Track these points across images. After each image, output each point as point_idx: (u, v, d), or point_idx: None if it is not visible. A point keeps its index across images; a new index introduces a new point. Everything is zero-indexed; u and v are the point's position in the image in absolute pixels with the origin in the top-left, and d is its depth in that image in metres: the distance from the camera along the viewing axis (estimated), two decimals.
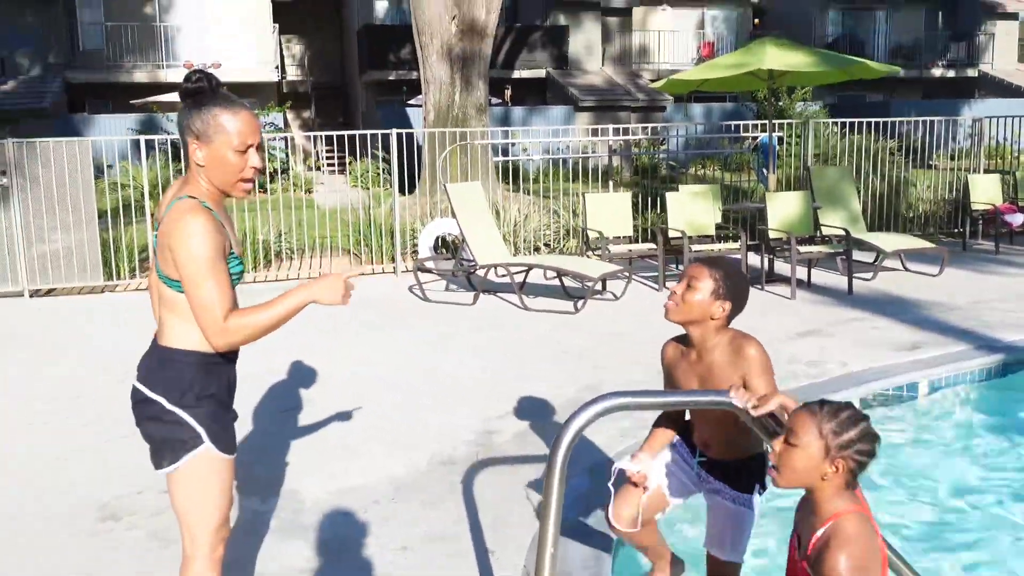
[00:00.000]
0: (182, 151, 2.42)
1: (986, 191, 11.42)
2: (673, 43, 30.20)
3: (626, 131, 15.58)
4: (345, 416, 5.20)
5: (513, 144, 18.99)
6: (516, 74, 26.91)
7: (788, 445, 2.09)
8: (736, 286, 2.78)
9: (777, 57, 8.45)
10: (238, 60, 25.31)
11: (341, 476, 4.31)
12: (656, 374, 3.26)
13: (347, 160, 20.18)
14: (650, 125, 15.48)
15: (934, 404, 5.70)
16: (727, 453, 2.80)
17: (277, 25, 27.02)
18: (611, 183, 11.49)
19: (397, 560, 3.48)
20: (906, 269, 9.79)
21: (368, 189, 16.70)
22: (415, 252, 10.61)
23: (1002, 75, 31.86)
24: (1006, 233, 11.20)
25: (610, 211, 9.35)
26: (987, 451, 4.98)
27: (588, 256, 9.34)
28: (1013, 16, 32.96)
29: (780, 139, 13.56)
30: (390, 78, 26.01)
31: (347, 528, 3.76)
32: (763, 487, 2.81)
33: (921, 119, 12.99)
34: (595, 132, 16.80)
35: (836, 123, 13.05)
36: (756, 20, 33.40)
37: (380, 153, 16.94)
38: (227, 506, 2.54)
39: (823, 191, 9.91)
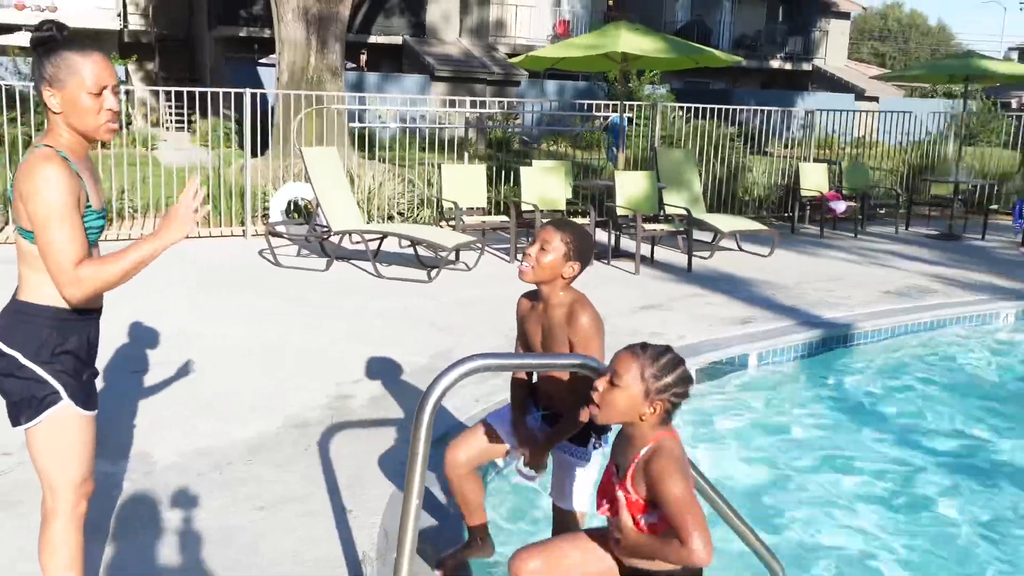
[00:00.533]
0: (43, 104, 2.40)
1: (815, 179, 12.23)
2: (530, 18, 30.50)
3: (482, 104, 15.71)
4: (197, 379, 5.16)
5: (367, 111, 18.84)
6: (372, 39, 26.57)
7: (611, 385, 2.30)
8: (583, 247, 3.00)
9: (631, 41, 8.78)
10: (75, 3, 23.88)
11: (194, 438, 4.30)
12: (507, 342, 3.43)
13: (193, 118, 19.46)
14: (505, 99, 15.69)
15: (761, 374, 6.16)
16: (568, 406, 3.02)
17: None
18: (466, 155, 11.62)
19: (254, 519, 3.54)
20: (740, 249, 10.40)
21: (215, 149, 16.19)
22: (266, 216, 10.44)
23: (833, 70, 33.87)
24: (830, 219, 12.05)
25: (465, 182, 9.50)
26: (805, 417, 5.45)
27: (442, 226, 9.46)
28: (846, 15, 35.05)
29: (629, 120, 14.03)
30: (241, 35, 25.18)
31: (201, 489, 3.78)
32: (599, 440, 3.04)
33: (759, 108, 13.74)
34: (451, 103, 16.88)
35: (682, 107, 13.60)
36: (611, 1, 34.17)
37: (231, 113, 16.43)
38: (89, 462, 2.55)
39: (667, 172, 10.38)
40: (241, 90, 10.28)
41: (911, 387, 6.08)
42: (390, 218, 11.02)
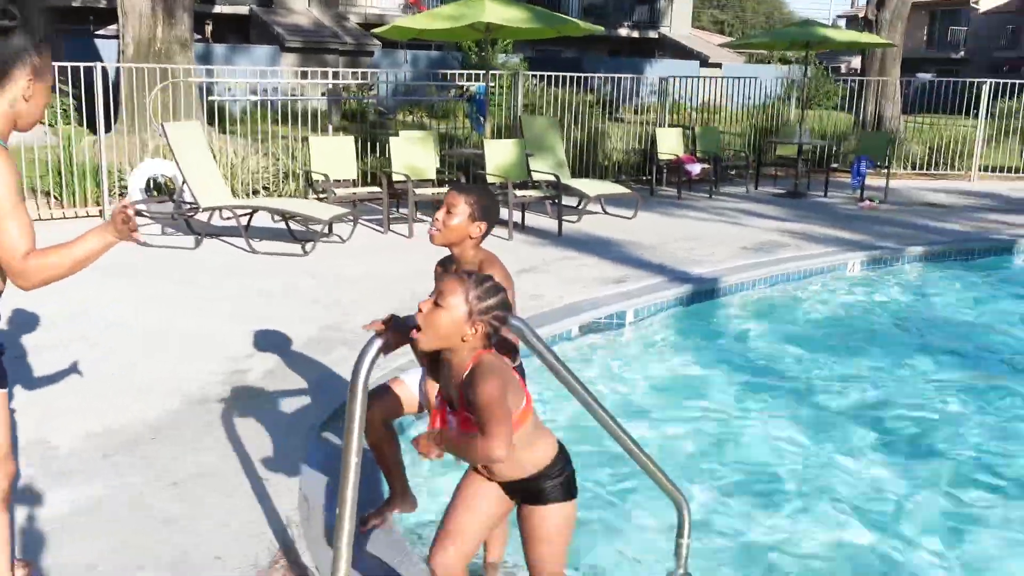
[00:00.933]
0: None
1: (670, 143, 12.75)
2: None
3: (336, 75, 15.49)
4: (86, 364, 5.02)
5: (216, 84, 18.23)
6: (217, 9, 25.63)
7: (437, 306, 2.45)
8: (488, 206, 3.17)
9: (496, 11, 8.90)
10: None
11: (93, 422, 4.22)
12: (393, 309, 3.53)
13: None
14: (361, 70, 15.51)
15: (638, 328, 6.49)
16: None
17: None
18: (330, 127, 11.51)
19: (172, 495, 3.54)
20: (605, 212, 10.77)
21: (53, 126, 15.35)
22: (123, 195, 10.06)
23: (678, 38, 35.01)
24: (686, 181, 12.60)
25: (334, 155, 9.44)
26: (679, 368, 5.79)
27: (312, 199, 9.37)
28: None
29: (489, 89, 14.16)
30: (74, 4, 23.81)
31: (110, 470, 3.73)
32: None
33: (613, 75, 14.15)
34: (304, 75, 16.56)
35: (538, 76, 13.82)
36: None
37: (69, 89, 15.59)
38: (6, 440, 2.53)
39: (533, 139, 10.61)
40: (91, 64, 9.83)
41: (775, 333, 6.54)
42: (255, 193, 10.81)
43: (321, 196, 9.28)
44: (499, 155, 9.41)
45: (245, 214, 8.65)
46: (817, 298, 7.57)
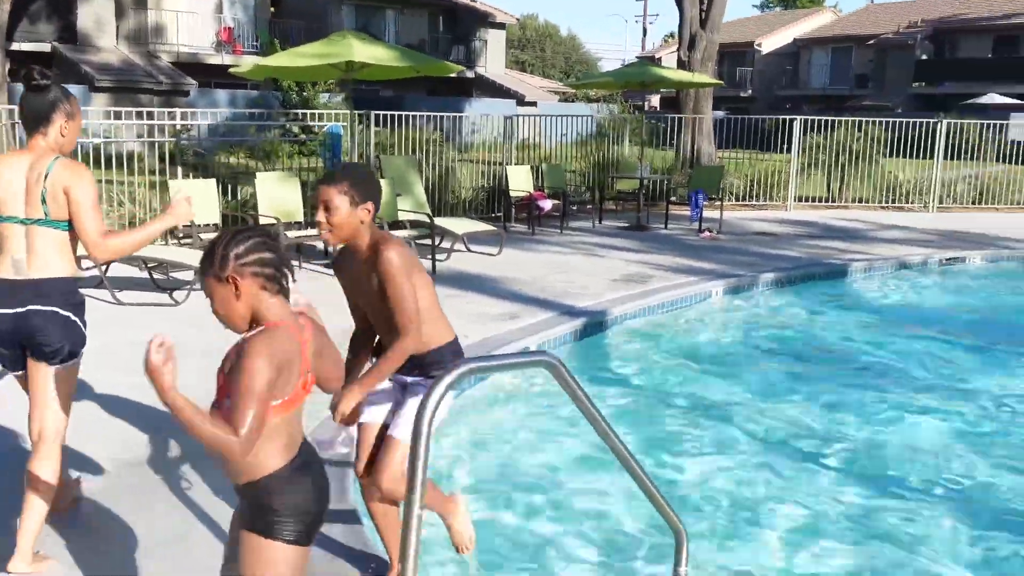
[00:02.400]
0: (35, 124, 3.27)
1: (520, 181, 13.03)
2: (191, 25, 29.14)
3: (151, 115, 14.83)
4: None
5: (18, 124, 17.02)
6: (16, 46, 23.97)
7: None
8: (366, 185, 3.01)
9: (363, 50, 8.86)
10: None
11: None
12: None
13: None
14: (188, 110, 14.95)
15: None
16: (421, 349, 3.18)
17: None
18: (179, 169, 11.02)
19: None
20: (469, 250, 10.85)
21: None
22: None
23: (494, 77, 35.87)
24: (537, 217, 12.91)
25: (196, 198, 9.01)
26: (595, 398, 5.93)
27: (172, 245, 8.93)
28: (502, 26, 37.21)
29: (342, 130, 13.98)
30: None
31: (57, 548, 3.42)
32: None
33: (445, 114, 14.31)
34: (118, 115, 15.75)
35: (364, 114, 13.58)
36: (272, 8, 33.55)
37: None
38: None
39: (394, 179, 10.57)
40: None
41: (674, 358, 6.86)
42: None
43: (184, 242, 8.86)
44: None
45: (103, 263, 8.11)
46: (703, 323, 8.08)
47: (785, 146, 16.52)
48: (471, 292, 8.35)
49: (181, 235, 8.97)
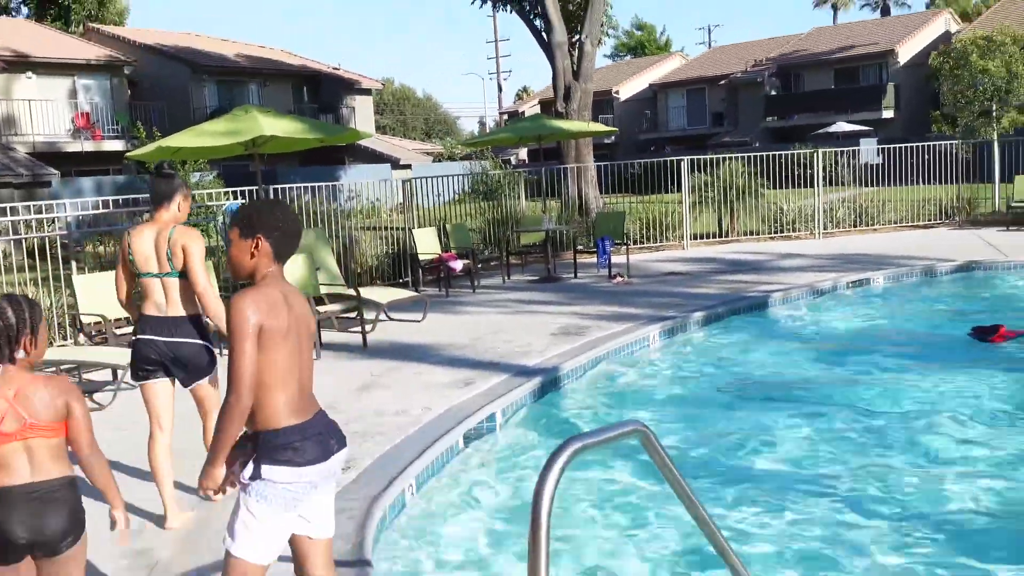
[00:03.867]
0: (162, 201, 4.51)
1: (428, 242, 12.86)
2: (45, 112, 27.89)
3: (13, 211, 13.95)
4: None
5: None
6: None
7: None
8: (256, 216, 2.88)
9: (271, 124, 8.58)
10: None
11: None
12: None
13: None
14: (52, 202, 14.14)
15: (513, 429, 6.39)
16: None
17: None
18: (74, 264, 10.37)
19: None
20: (390, 319, 10.56)
21: None
22: None
23: (367, 143, 35.65)
24: (447, 278, 12.72)
25: (106, 292, 8.46)
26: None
27: (84, 344, 8.32)
28: (368, 92, 37.16)
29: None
30: None
31: None
32: (258, 471, 2.81)
33: (338, 183, 14.15)
34: None
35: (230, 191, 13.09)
36: (128, 91, 32.51)
37: None
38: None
39: (309, 254, 10.21)
40: None
41: (628, 406, 6.78)
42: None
43: (96, 341, 8.26)
44: (291, 273, 8.96)
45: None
46: (656, 366, 8.07)
47: (672, 186, 16.93)
48: (412, 362, 8.08)
49: (93, 333, 8.37)
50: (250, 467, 2.78)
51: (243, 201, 11.57)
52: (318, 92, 35.72)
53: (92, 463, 2.94)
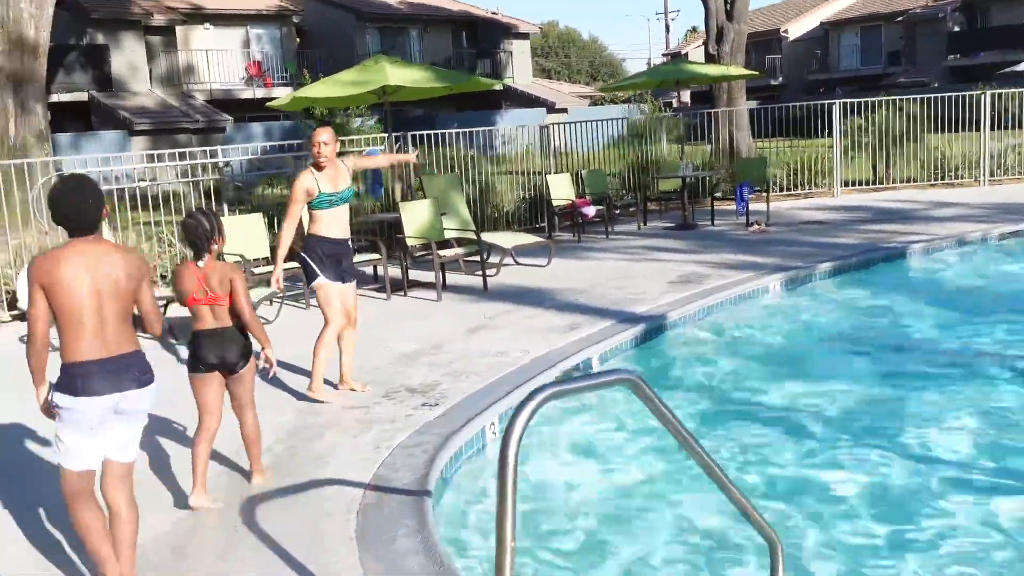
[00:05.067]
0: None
1: (562, 189, 12.94)
2: (220, 61, 29.53)
3: (192, 155, 14.96)
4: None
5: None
6: (55, 98, 24.46)
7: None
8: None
9: (397, 74, 8.86)
10: None
11: None
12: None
13: None
14: (218, 148, 15.06)
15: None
16: None
17: None
18: (225, 205, 11.10)
19: None
20: (517, 263, 10.78)
21: None
22: (14, 302, 9.35)
23: (523, 87, 35.85)
24: (581, 224, 12.80)
25: (247, 234, 9.08)
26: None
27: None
28: (525, 36, 37.21)
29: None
30: None
31: None
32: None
33: (483, 129, 14.32)
34: (158, 157, 15.94)
35: (422, 135, 13.67)
36: (298, 39, 33.86)
37: None
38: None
39: (437, 199, 10.54)
40: None
41: (729, 358, 6.72)
42: (153, 283, 10.26)
43: None
44: (416, 217, 9.31)
45: (161, 305, 8.16)
46: (768, 318, 7.92)
47: (825, 131, 16.25)
48: (526, 306, 8.27)
49: None
50: (53, 393, 3.33)
51: (382, 148, 11.99)
52: (476, 37, 36.07)
53: (249, 320, 4.20)
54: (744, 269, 9.39)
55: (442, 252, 9.23)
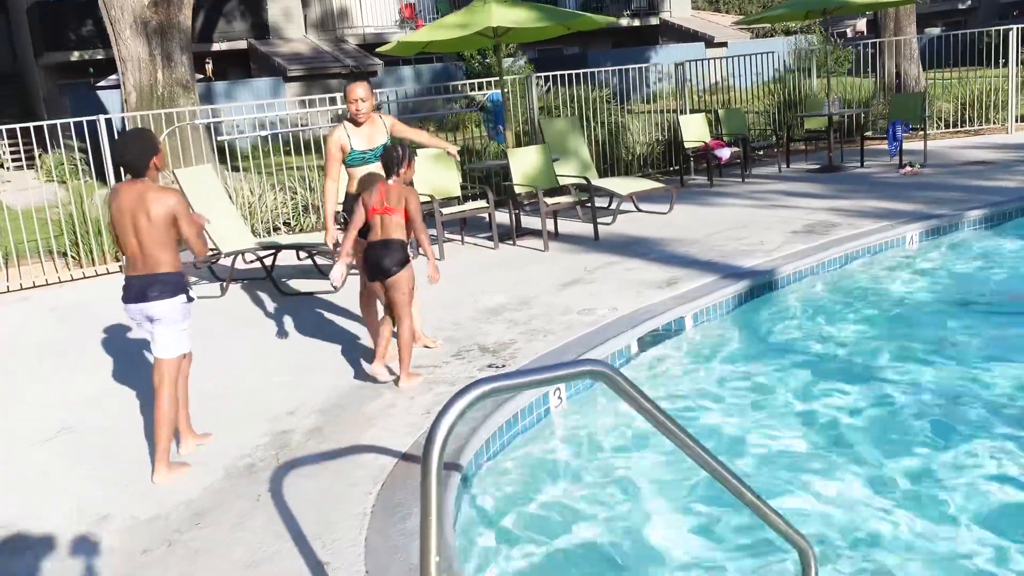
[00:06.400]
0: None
1: (695, 130, 12.25)
2: (374, 5, 29.78)
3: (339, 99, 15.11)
4: (108, 441, 4.63)
5: (223, 122, 17.91)
6: (215, 47, 25.42)
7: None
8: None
9: (502, 14, 8.47)
10: None
11: (126, 508, 3.82)
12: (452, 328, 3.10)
13: (36, 153, 18.13)
14: (376, 90, 15.13)
15: (699, 334, 6.01)
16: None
17: None
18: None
19: None
20: (639, 210, 10.30)
21: (64, 183, 15.10)
22: None
23: (680, 21, 34.44)
24: (716, 167, 12.10)
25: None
26: (757, 373, 5.32)
27: (338, 230, 8.96)
28: None
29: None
30: (72, 59, 23.66)
31: (154, 569, 3.33)
32: None
33: (623, 67, 13.69)
34: (309, 103, 16.22)
35: (551, 76, 13.30)
36: None
37: (74, 143, 15.32)
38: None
39: (555, 143, 10.16)
40: (93, 117, 9.52)
41: (846, 323, 6.06)
42: (275, 230, 10.45)
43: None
44: (525, 164, 8.97)
45: (269, 255, 8.27)
46: (884, 279, 7.07)
47: (1002, 60, 14.65)
48: (633, 258, 7.84)
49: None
50: None
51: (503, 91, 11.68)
52: None
53: (419, 233, 5.02)
54: (881, 217, 8.56)
55: (549, 200, 8.87)
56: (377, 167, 5.42)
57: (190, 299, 4.20)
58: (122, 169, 3.95)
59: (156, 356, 4.19)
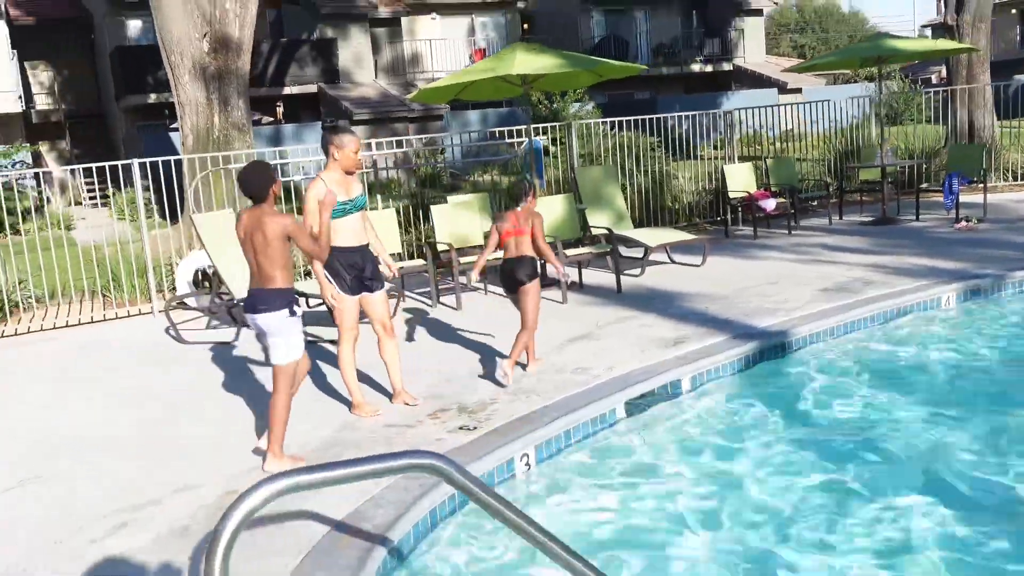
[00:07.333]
0: None
1: (740, 179, 11.92)
2: (444, 51, 30.21)
3: (402, 143, 15.24)
4: (67, 490, 4.57)
5: (289, 164, 18.20)
6: (287, 90, 26.04)
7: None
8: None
9: (526, 62, 8.37)
10: None
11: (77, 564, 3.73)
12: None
13: (110, 192, 18.70)
14: (426, 136, 15.24)
15: (692, 400, 5.70)
16: None
17: (16, 52, 24.89)
18: (384, 196, 11.14)
19: None
20: (672, 261, 10.01)
21: (133, 221, 15.50)
22: (174, 289, 9.84)
23: (753, 67, 34.03)
24: (762, 218, 11.72)
25: (378, 228, 8.97)
26: (742, 440, 5.00)
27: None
28: (759, 12, 35.27)
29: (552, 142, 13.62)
30: (150, 101, 24.52)
31: None
32: None
33: (684, 113, 13.45)
34: (373, 146, 16.40)
35: (603, 122, 13.14)
36: (525, 25, 34.01)
37: (148, 183, 15.75)
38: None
39: (588, 191, 9.98)
40: (155, 159, 9.78)
41: (850, 390, 5.68)
42: (307, 275, 10.47)
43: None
44: (548, 212, 8.77)
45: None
46: (907, 344, 6.63)
47: None
48: (650, 313, 7.56)
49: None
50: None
51: (545, 139, 11.57)
52: (705, 16, 34.57)
53: (543, 249, 5.89)
54: (922, 276, 8.11)
55: (569, 252, 8.67)
56: (356, 218, 5.31)
57: (293, 313, 4.55)
58: (245, 194, 4.54)
59: (271, 362, 4.67)
